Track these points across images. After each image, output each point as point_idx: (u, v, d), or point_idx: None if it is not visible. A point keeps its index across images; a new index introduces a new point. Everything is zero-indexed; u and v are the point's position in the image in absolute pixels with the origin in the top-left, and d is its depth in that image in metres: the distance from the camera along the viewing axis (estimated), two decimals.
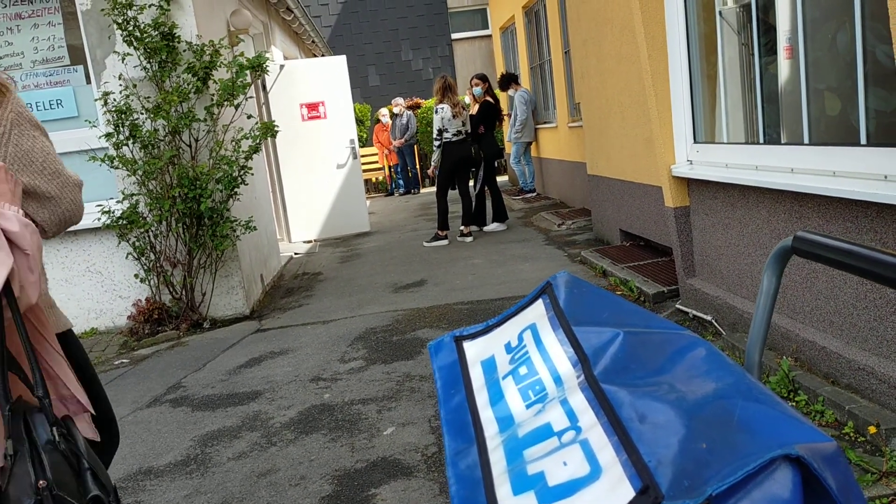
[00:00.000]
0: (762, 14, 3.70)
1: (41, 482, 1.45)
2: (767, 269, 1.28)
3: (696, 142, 4.34)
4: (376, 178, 15.99)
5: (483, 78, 9.03)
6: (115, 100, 5.62)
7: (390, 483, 2.99)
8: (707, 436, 0.90)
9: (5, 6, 5.78)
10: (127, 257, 5.85)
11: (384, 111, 15.18)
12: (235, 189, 5.74)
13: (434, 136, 8.14)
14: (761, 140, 3.77)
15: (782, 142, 3.66)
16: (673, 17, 4.30)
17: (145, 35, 5.47)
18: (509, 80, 10.79)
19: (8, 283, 1.44)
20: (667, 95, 4.40)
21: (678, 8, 4.27)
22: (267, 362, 4.77)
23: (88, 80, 5.86)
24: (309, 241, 9.86)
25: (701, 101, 4.32)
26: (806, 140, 3.35)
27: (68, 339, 1.96)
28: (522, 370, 1.17)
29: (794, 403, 3.14)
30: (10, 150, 1.84)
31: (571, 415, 1.01)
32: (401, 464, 3.13)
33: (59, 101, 5.87)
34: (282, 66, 9.46)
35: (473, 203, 8.58)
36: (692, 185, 4.37)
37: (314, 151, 9.66)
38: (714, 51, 4.14)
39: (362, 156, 14.36)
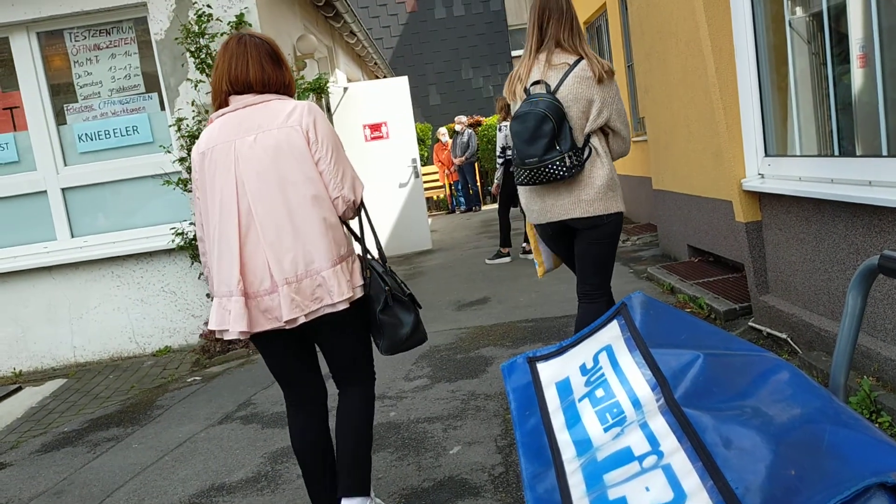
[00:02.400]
0: (833, 23, 3.61)
1: (387, 287, 2.62)
2: (852, 288, 1.24)
3: (767, 155, 4.24)
4: (437, 197, 16.10)
5: None
6: (188, 125, 5.82)
7: (458, 503, 2.98)
8: (796, 462, 0.88)
9: (85, 38, 6.06)
10: (199, 277, 6.02)
11: (443, 130, 15.30)
12: None
13: (497, 153, 8.15)
14: (836, 152, 3.66)
15: (858, 154, 3.54)
16: (741, 28, 4.23)
17: None
18: None
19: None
20: (736, 108, 4.32)
21: (746, 20, 4.20)
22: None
23: (162, 107, 6.08)
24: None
25: (771, 114, 4.22)
26: (884, 152, 3.24)
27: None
28: (599, 392, 1.16)
29: (877, 425, 3.02)
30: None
31: (652, 439, 0.99)
32: (468, 483, 3.12)
33: (134, 128, 6.10)
34: (345, 89, 9.64)
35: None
36: (764, 200, 4.27)
37: (377, 171, 9.79)
38: (784, 62, 4.05)
39: (423, 174, 14.49)
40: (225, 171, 2.47)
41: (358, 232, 2.76)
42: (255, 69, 2.53)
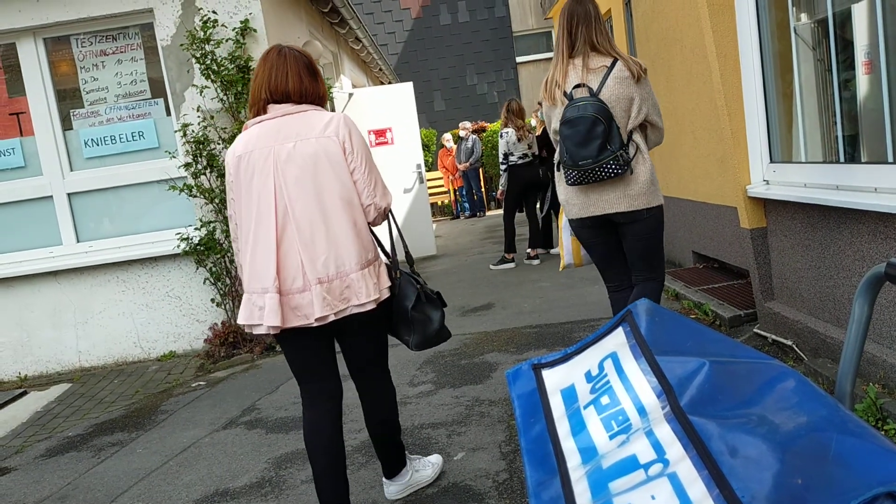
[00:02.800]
0: (839, 29, 3.61)
1: (418, 285, 2.88)
2: (859, 296, 1.24)
3: (772, 161, 4.24)
4: (442, 202, 16.11)
5: (542, 102, 9.02)
6: (193, 131, 5.84)
7: None
8: (802, 471, 0.88)
9: (91, 44, 6.09)
10: (204, 282, 6.03)
11: (448, 136, 15.32)
12: None
13: (500, 159, 8.18)
14: (841, 159, 3.65)
15: (864, 160, 3.53)
16: (745, 35, 4.22)
17: (222, 68, 5.68)
18: None
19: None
20: (741, 114, 4.31)
21: (751, 26, 4.20)
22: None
23: (168, 113, 6.10)
24: None
25: (777, 120, 4.22)
26: (890, 158, 3.23)
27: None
28: (604, 400, 1.16)
29: (883, 432, 3.00)
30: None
31: (658, 447, 0.99)
32: (472, 490, 3.12)
33: (140, 133, 6.12)
34: (350, 95, 9.66)
35: (541, 226, 8.54)
36: (769, 206, 4.26)
37: (384, 175, 9.78)
38: (789, 68, 4.05)
39: (428, 180, 14.51)
40: (263, 174, 2.63)
41: (387, 236, 2.96)
42: (294, 80, 2.69)
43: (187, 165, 5.78)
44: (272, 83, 2.69)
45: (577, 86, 3.36)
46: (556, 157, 3.53)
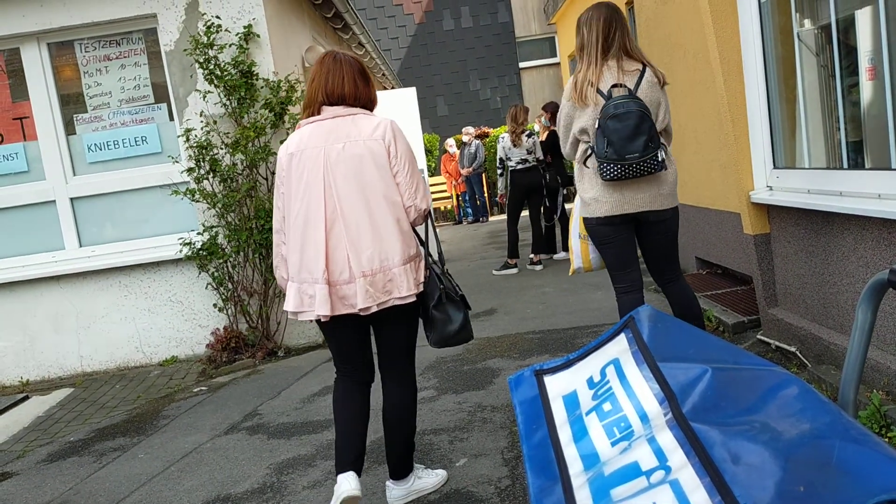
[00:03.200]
0: (842, 35, 3.60)
1: (441, 286, 2.96)
2: (862, 303, 1.23)
3: (775, 167, 4.23)
4: (445, 207, 16.11)
5: (545, 108, 9.03)
6: (196, 136, 5.85)
7: None
8: (805, 478, 0.87)
9: (95, 49, 6.11)
10: (206, 287, 6.03)
11: (451, 141, 15.33)
12: None
13: (497, 164, 8.27)
14: (845, 165, 3.64)
15: (867, 166, 3.53)
16: (749, 40, 4.22)
17: (225, 73, 5.69)
18: None
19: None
20: (744, 120, 4.31)
21: (754, 31, 4.20)
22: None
23: (171, 118, 6.12)
24: None
25: (780, 126, 4.21)
26: (893, 165, 3.22)
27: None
28: (606, 406, 1.15)
29: (886, 440, 2.99)
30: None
31: (660, 454, 0.98)
32: (474, 496, 3.11)
33: (143, 138, 6.14)
34: None
35: (543, 231, 8.53)
36: (772, 212, 4.25)
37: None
38: (792, 74, 4.05)
39: (431, 185, 14.50)
40: (314, 172, 2.83)
41: (423, 237, 3.10)
42: (349, 84, 2.90)
43: (190, 170, 5.79)
44: (328, 87, 2.88)
45: (615, 85, 3.47)
46: (578, 156, 3.63)
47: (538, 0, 17.65)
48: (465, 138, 14.70)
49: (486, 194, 15.25)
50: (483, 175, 15.00)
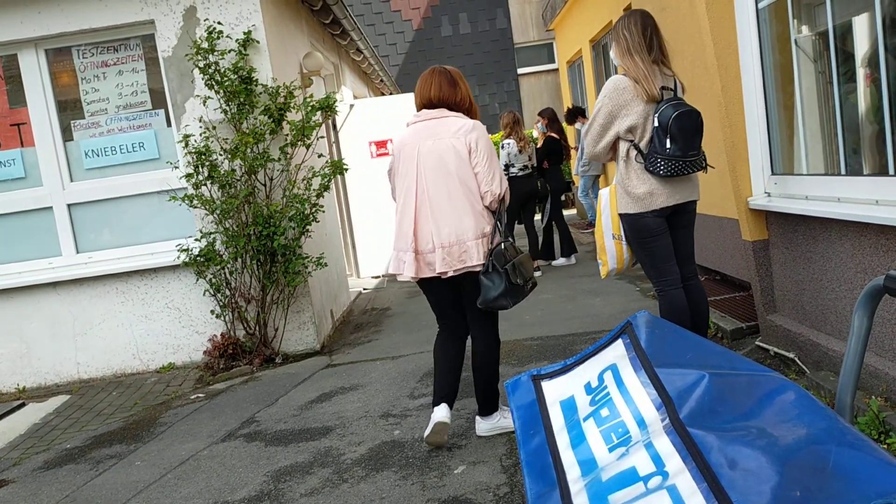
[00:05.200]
0: (840, 42, 3.61)
1: (491, 258, 3.52)
2: (858, 309, 1.23)
3: (773, 173, 4.23)
4: None
5: (542, 114, 9.05)
6: (195, 142, 5.84)
7: None
8: (801, 483, 0.87)
9: (93, 55, 6.11)
10: (204, 294, 6.02)
11: None
12: (307, 226, 5.86)
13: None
14: (843, 171, 3.65)
15: (865, 173, 3.53)
16: (746, 47, 4.23)
17: (225, 79, 5.69)
18: (576, 114, 10.78)
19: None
20: (742, 126, 4.31)
21: (752, 38, 4.21)
22: (337, 398, 4.81)
23: (169, 124, 6.11)
24: (377, 277, 9.96)
25: (778, 132, 4.22)
26: (891, 171, 3.22)
27: None
28: (604, 412, 1.15)
29: (885, 446, 2.98)
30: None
31: (657, 459, 0.98)
32: None
33: (141, 144, 6.13)
34: (351, 106, 9.68)
35: (540, 237, 8.53)
36: (771, 218, 4.26)
37: (382, 187, 9.78)
38: (790, 80, 4.05)
39: None
40: (410, 163, 3.60)
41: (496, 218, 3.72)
42: (435, 90, 3.65)
43: (188, 176, 5.78)
44: (422, 93, 3.69)
45: (664, 88, 3.70)
46: (622, 153, 3.77)
47: (536, 6, 17.69)
48: None
49: None
50: None
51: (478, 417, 3.80)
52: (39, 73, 6.09)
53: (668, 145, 3.59)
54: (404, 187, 3.61)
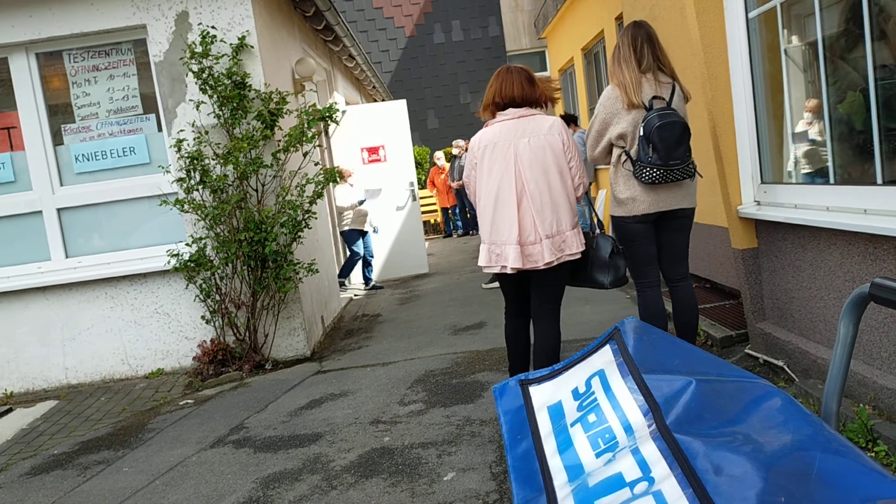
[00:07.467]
0: (828, 52, 3.64)
1: (613, 240, 3.80)
2: (844, 316, 1.23)
3: (763, 182, 4.26)
4: (434, 220, 16.11)
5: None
6: (188, 146, 5.83)
7: None
8: (786, 489, 0.87)
9: (84, 59, 6.09)
10: (194, 299, 6.00)
11: (439, 154, 15.32)
12: (300, 233, 5.85)
13: None
14: (832, 180, 3.67)
15: (854, 182, 3.55)
16: (736, 57, 4.26)
17: (219, 84, 5.68)
18: (568, 122, 10.80)
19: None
20: (732, 136, 4.34)
21: (741, 48, 4.23)
22: (327, 404, 4.80)
23: (160, 128, 6.10)
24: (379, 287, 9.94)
25: (767, 141, 4.25)
26: (879, 180, 3.25)
27: None
28: (591, 417, 1.15)
29: (873, 454, 2.99)
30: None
31: (644, 465, 0.98)
32: None
33: (131, 149, 6.12)
34: (344, 112, 9.69)
35: None
36: (760, 227, 4.28)
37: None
38: (780, 90, 4.08)
39: (420, 198, 14.51)
40: (506, 160, 3.69)
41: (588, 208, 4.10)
42: (517, 88, 3.76)
43: (180, 181, 5.77)
44: (502, 91, 3.78)
45: (655, 97, 3.81)
46: (613, 159, 3.96)
47: (529, 14, 17.76)
48: (455, 151, 14.71)
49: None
50: None
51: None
52: (30, 77, 6.07)
53: (650, 154, 3.75)
54: (497, 183, 3.69)
